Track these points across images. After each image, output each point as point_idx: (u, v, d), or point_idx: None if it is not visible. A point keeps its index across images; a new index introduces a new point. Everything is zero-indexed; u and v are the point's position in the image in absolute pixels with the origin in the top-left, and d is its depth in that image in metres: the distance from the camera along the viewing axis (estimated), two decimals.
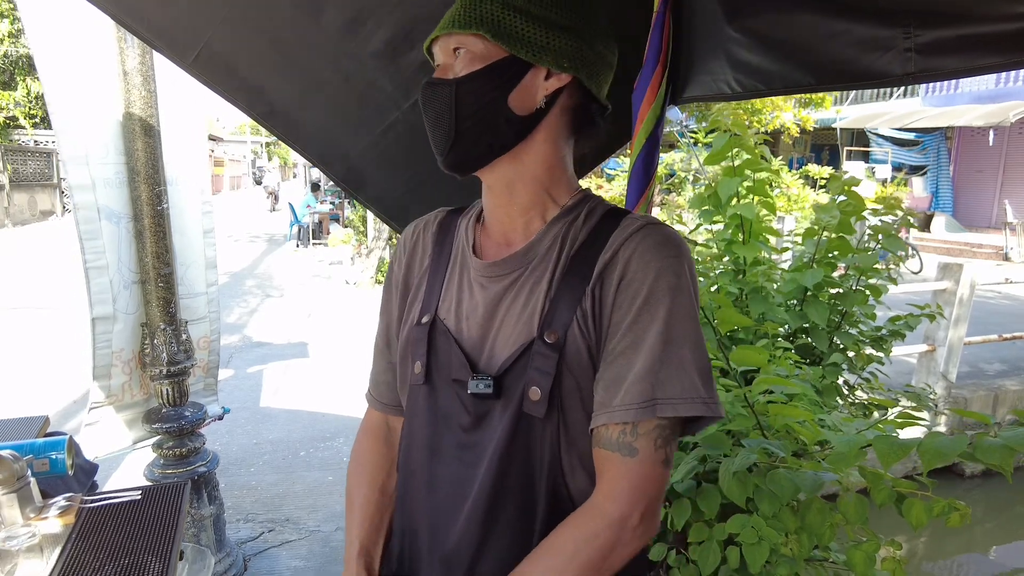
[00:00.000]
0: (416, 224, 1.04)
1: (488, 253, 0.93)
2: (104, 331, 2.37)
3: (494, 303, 0.88)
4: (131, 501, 1.34)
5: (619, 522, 0.79)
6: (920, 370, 5.17)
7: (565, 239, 0.87)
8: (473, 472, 0.86)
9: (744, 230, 2.44)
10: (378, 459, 1.03)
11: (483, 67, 0.82)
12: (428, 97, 0.86)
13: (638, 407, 0.78)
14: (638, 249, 0.82)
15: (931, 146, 15.63)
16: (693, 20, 1.45)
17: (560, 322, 0.83)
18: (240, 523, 3.41)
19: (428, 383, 0.91)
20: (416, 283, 0.99)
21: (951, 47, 1.14)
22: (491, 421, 0.86)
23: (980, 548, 4.71)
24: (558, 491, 0.84)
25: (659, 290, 0.80)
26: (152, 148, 2.44)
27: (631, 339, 0.80)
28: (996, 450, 1.27)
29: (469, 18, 0.83)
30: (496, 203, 0.92)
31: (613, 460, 0.80)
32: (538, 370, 0.82)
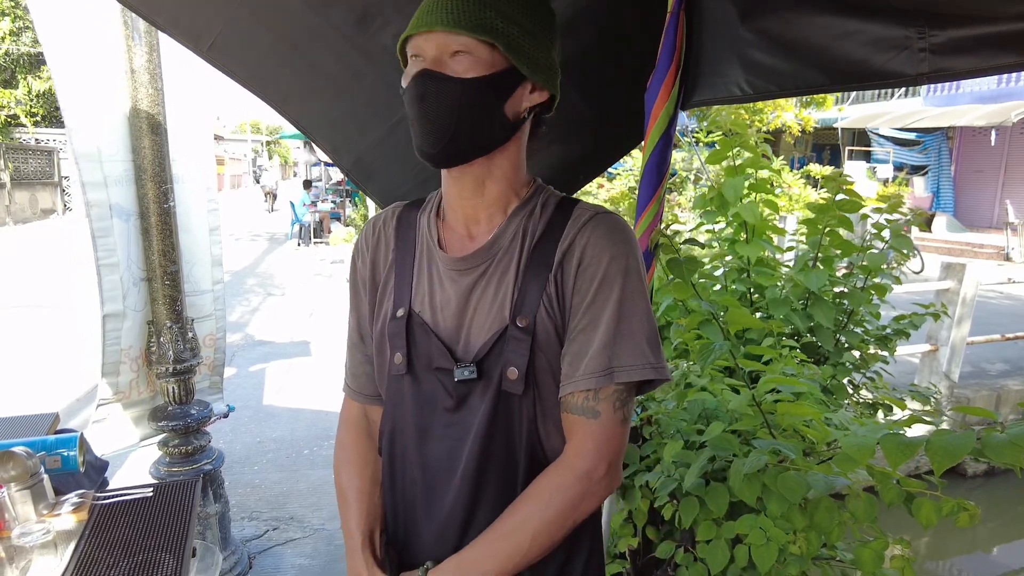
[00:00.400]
0: (375, 222, 1.09)
1: (452, 246, 1.00)
2: (114, 328, 2.37)
3: (466, 295, 0.96)
4: (143, 498, 1.34)
5: (587, 475, 0.91)
6: (923, 370, 5.18)
7: (525, 231, 0.96)
8: (460, 446, 0.95)
9: (747, 229, 2.44)
10: (364, 451, 1.10)
11: (490, 74, 0.88)
12: (427, 89, 0.87)
13: (598, 375, 0.91)
14: (592, 237, 0.93)
15: (932, 146, 15.63)
16: (705, 22, 1.45)
17: (529, 308, 0.93)
18: (245, 521, 3.42)
19: (410, 372, 0.98)
20: (383, 278, 1.04)
21: (965, 47, 1.15)
22: (473, 400, 0.95)
23: (983, 547, 4.72)
24: (535, 455, 0.96)
25: (612, 273, 0.92)
26: (159, 146, 2.45)
27: (590, 317, 0.92)
28: (1005, 446, 1.27)
29: (478, 24, 0.86)
30: (464, 197, 0.97)
31: (579, 422, 0.93)
32: (514, 352, 0.92)
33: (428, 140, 0.90)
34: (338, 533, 3.31)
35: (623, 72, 1.62)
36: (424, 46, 0.88)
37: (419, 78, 0.88)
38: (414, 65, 0.89)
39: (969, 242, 13.36)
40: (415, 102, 0.88)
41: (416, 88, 0.88)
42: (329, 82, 1.59)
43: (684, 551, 1.77)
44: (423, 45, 0.88)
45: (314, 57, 1.53)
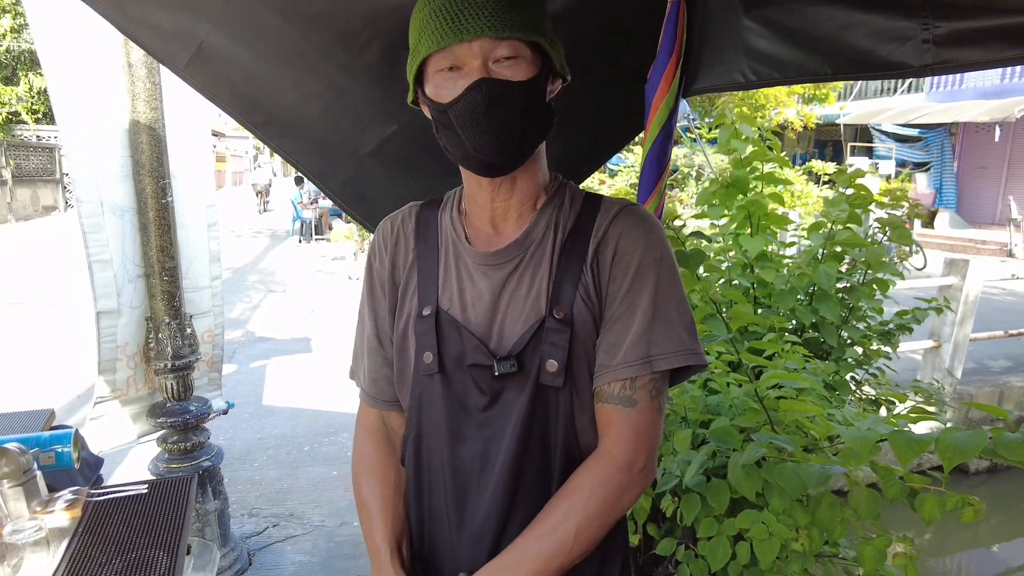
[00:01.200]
0: (392, 221, 1.06)
1: (480, 242, 0.98)
2: (109, 325, 2.36)
3: (498, 289, 0.94)
4: (138, 495, 1.33)
5: (627, 466, 0.90)
6: (925, 366, 5.15)
7: (556, 225, 0.96)
8: (495, 446, 0.93)
9: (752, 223, 2.43)
10: (386, 459, 1.05)
11: (538, 72, 0.87)
12: (492, 98, 0.83)
13: (637, 363, 0.90)
14: (625, 228, 0.94)
15: (935, 142, 15.56)
16: (707, 10, 1.43)
17: (566, 299, 0.92)
18: (244, 518, 3.41)
19: (441, 371, 0.95)
20: (404, 278, 1.02)
21: (970, 39, 1.13)
22: (508, 396, 0.92)
23: (984, 544, 4.70)
24: (571, 451, 0.94)
25: (647, 262, 0.92)
26: (156, 141, 2.43)
27: (626, 306, 0.91)
28: (1018, 445, 1.25)
29: (527, 27, 0.84)
30: (496, 196, 0.95)
31: (616, 412, 0.91)
32: (552, 344, 0.91)
33: (493, 151, 0.87)
34: (339, 530, 3.30)
35: (622, 64, 1.60)
36: (464, 56, 0.84)
37: (479, 88, 0.83)
38: (457, 77, 0.85)
39: (972, 238, 13.31)
40: (479, 113, 0.84)
41: (477, 98, 0.83)
42: (312, 103, 1.53)
43: (685, 548, 1.75)
44: (463, 55, 0.84)
45: (297, 77, 1.48)
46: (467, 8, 0.82)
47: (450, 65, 0.85)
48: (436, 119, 0.91)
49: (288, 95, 1.52)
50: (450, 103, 0.85)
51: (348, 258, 11.00)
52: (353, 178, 1.67)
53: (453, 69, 0.85)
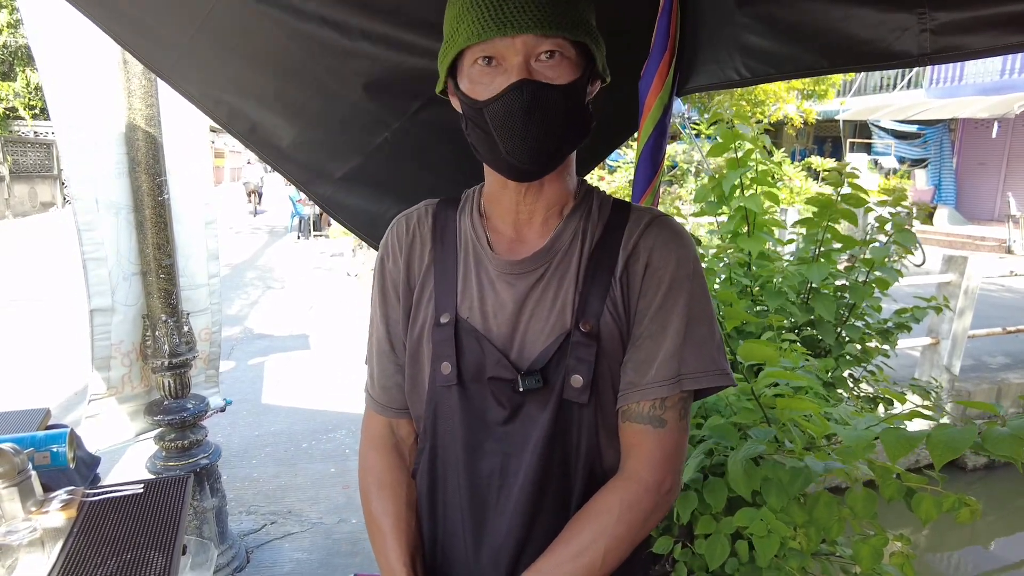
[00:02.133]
0: (407, 219, 1.00)
1: (502, 248, 0.93)
2: (103, 323, 2.35)
3: (522, 299, 0.90)
4: (133, 494, 1.33)
5: (656, 487, 0.87)
6: (924, 363, 5.16)
7: (584, 233, 0.92)
8: (514, 462, 0.90)
9: (749, 222, 2.42)
10: (396, 472, 1.00)
11: (581, 74, 0.83)
12: (533, 101, 0.79)
13: (669, 383, 0.87)
14: (658, 240, 0.90)
15: (933, 139, 15.54)
16: (701, 7, 1.43)
17: (592, 312, 0.88)
18: (242, 515, 3.41)
19: (459, 383, 0.91)
20: (420, 280, 0.97)
21: (968, 28, 1.12)
22: (529, 411, 0.89)
23: (982, 541, 4.71)
24: (593, 469, 0.91)
25: (680, 277, 0.89)
26: (153, 138, 2.42)
27: (659, 323, 0.88)
28: (1006, 440, 1.26)
29: (575, 24, 0.80)
30: (522, 200, 0.91)
31: (646, 432, 0.88)
32: (578, 359, 0.87)
33: (528, 157, 0.82)
34: (336, 527, 3.31)
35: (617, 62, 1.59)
36: (505, 51, 0.79)
37: (519, 89, 0.78)
38: (496, 73, 0.80)
39: (971, 235, 13.31)
40: (516, 117, 0.79)
41: (516, 100, 0.79)
42: (301, 109, 1.50)
43: (682, 546, 1.75)
44: (504, 50, 0.79)
45: (285, 83, 1.45)
46: (512, 0, 0.78)
47: (488, 58, 0.80)
48: (468, 115, 0.85)
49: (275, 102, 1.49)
50: (487, 101, 0.81)
51: (347, 254, 10.99)
52: (341, 187, 1.63)
53: (492, 63, 0.80)
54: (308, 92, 1.46)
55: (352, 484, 3.73)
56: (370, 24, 1.37)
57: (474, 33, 0.79)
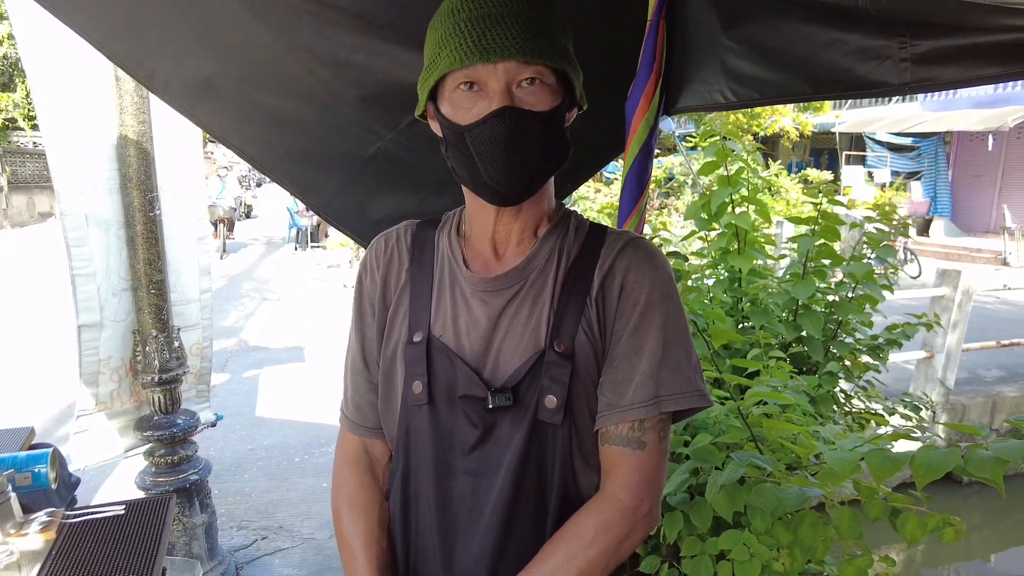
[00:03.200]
0: (386, 238, 1.01)
1: (477, 266, 0.94)
2: (91, 338, 2.34)
3: (495, 316, 0.90)
4: (115, 516, 1.32)
5: (632, 511, 0.86)
6: (918, 377, 5.15)
7: (560, 253, 0.92)
8: (487, 484, 0.89)
9: (739, 239, 2.43)
10: (368, 492, 0.99)
11: (561, 102, 0.84)
12: (514, 128, 0.80)
13: (646, 405, 0.87)
14: (632, 262, 0.90)
15: (928, 151, 15.62)
16: (687, 30, 1.44)
17: (567, 332, 0.88)
18: (233, 530, 3.39)
19: (431, 403, 0.90)
20: (395, 299, 0.97)
21: (948, 57, 1.13)
22: (501, 432, 0.88)
23: (978, 555, 4.69)
24: (568, 492, 0.90)
25: (655, 299, 0.89)
26: (145, 153, 2.43)
27: (634, 344, 0.88)
28: (987, 463, 1.26)
29: (552, 52, 0.81)
30: (499, 221, 0.92)
31: (624, 454, 0.88)
32: (553, 379, 0.87)
33: (508, 181, 0.83)
34: (328, 543, 3.29)
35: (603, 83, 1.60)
36: (487, 77, 0.80)
37: (501, 116, 0.79)
38: (477, 98, 0.81)
39: (967, 247, 13.34)
40: (497, 143, 0.80)
41: (498, 127, 0.80)
42: (295, 120, 1.52)
43: (669, 566, 1.75)
44: (486, 77, 0.80)
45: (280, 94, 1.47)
46: (494, 27, 0.79)
47: (470, 83, 0.81)
48: (449, 139, 0.86)
49: (271, 113, 1.51)
50: (469, 126, 0.81)
51: (343, 266, 10.98)
52: (335, 197, 1.65)
53: (473, 88, 0.81)
54: (303, 104, 1.49)
55: None
56: (364, 39, 1.40)
57: (456, 59, 0.79)
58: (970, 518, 4.91)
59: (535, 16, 0.80)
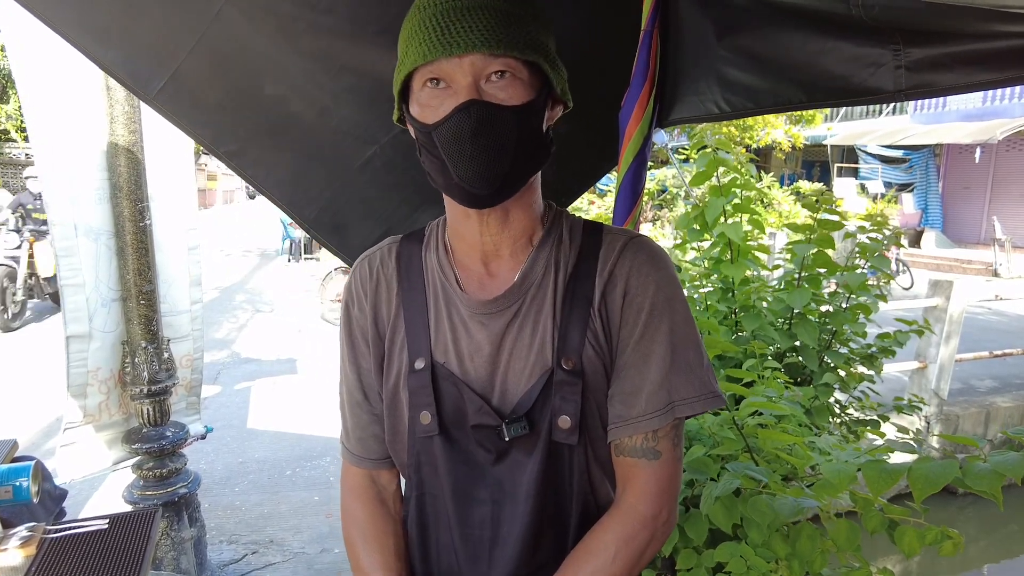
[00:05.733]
0: (369, 261, 0.96)
1: (472, 287, 0.89)
2: (79, 349, 2.32)
3: (498, 339, 0.86)
4: (98, 530, 1.29)
5: (652, 520, 0.85)
6: (912, 387, 5.15)
7: (557, 263, 0.88)
8: (507, 511, 0.87)
9: (732, 249, 2.43)
10: (380, 523, 0.95)
11: (536, 96, 0.79)
12: (480, 122, 0.75)
13: (660, 413, 0.84)
14: (634, 265, 0.87)
15: (919, 163, 15.78)
16: (680, 40, 1.43)
17: (573, 347, 0.85)
18: (223, 545, 3.34)
19: (442, 433, 0.87)
20: (391, 325, 0.92)
21: (942, 64, 1.13)
22: (516, 456, 0.86)
23: (975, 565, 4.68)
24: (587, 508, 0.88)
25: (660, 301, 0.86)
26: (135, 164, 2.41)
27: (642, 352, 0.85)
28: (985, 476, 1.25)
29: (526, 43, 0.77)
30: (488, 233, 0.87)
31: (640, 465, 0.85)
32: (564, 399, 0.84)
33: (479, 181, 0.78)
34: (319, 557, 3.24)
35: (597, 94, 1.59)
36: (453, 72, 0.76)
37: (466, 110, 0.75)
38: (444, 96, 0.77)
39: (958, 258, 13.44)
40: (463, 139, 0.75)
41: (463, 122, 0.75)
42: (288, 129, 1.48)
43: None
44: (452, 71, 0.76)
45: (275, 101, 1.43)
46: (459, 20, 0.75)
47: (436, 79, 0.77)
48: (419, 141, 0.82)
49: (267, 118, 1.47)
50: (435, 124, 0.77)
51: (337, 277, 10.94)
52: (328, 207, 1.60)
53: (440, 85, 0.77)
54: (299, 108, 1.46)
55: (335, 513, 3.67)
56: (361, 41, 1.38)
57: (420, 54, 0.76)
58: (966, 529, 4.90)
59: (504, 8, 0.76)
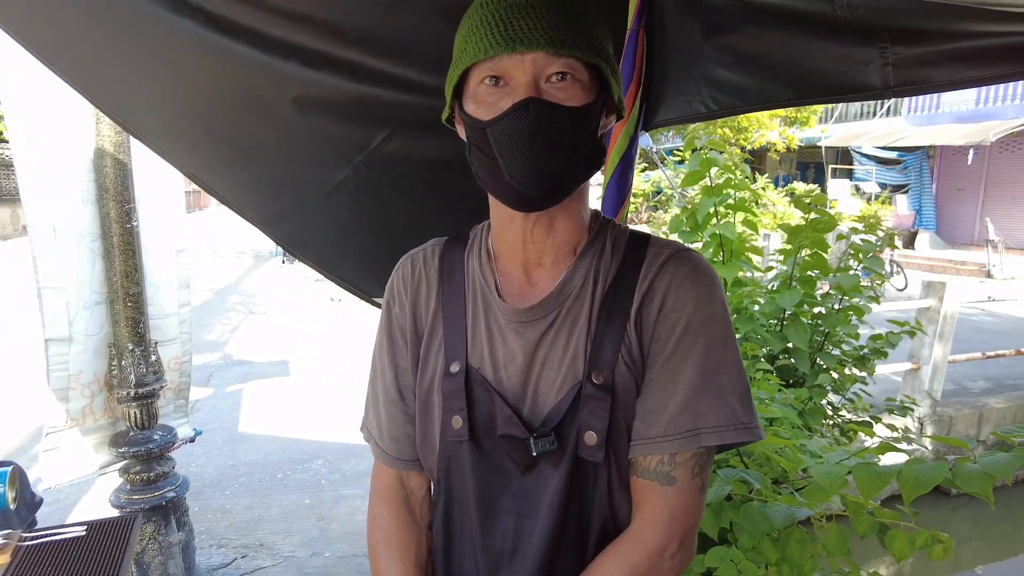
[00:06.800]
0: (413, 261, 0.96)
1: (511, 294, 0.88)
2: (59, 353, 2.28)
3: (532, 348, 0.85)
4: (74, 538, 1.26)
5: (659, 551, 0.80)
6: (905, 388, 5.16)
7: (596, 274, 0.85)
8: (530, 524, 0.85)
9: (725, 249, 2.42)
10: (406, 530, 0.94)
11: (594, 100, 0.78)
12: (539, 121, 0.74)
13: (682, 437, 0.80)
14: (674, 279, 0.83)
15: (913, 165, 15.85)
16: (666, 40, 1.42)
17: (606, 362, 0.82)
18: (212, 549, 3.31)
19: (472, 439, 0.86)
20: (428, 326, 0.92)
21: (929, 62, 1.13)
22: (543, 468, 0.84)
23: (968, 566, 4.68)
24: (607, 527, 0.85)
25: (696, 320, 0.82)
26: (122, 164, 2.39)
27: (670, 370, 0.81)
28: (976, 477, 1.24)
29: (589, 45, 0.76)
30: (533, 240, 0.85)
31: (652, 489, 0.82)
32: (592, 414, 0.81)
33: (532, 182, 0.76)
34: (309, 561, 3.21)
35: None
36: (513, 69, 0.74)
37: (525, 108, 0.73)
38: (502, 94, 0.76)
39: (951, 259, 13.48)
40: (521, 137, 0.74)
41: (521, 119, 0.73)
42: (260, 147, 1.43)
43: None
44: (512, 68, 0.74)
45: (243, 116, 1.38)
46: (523, 17, 0.73)
47: (496, 77, 0.76)
48: (471, 139, 0.80)
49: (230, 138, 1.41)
50: (490, 121, 0.75)
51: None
52: (301, 227, 1.55)
53: (499, 83, 0.76)
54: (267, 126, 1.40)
55: (326, 516, 3.64)
56: (336, 52, 1.34)
57: (481, 49, 0.75)
58: (959, 530, 4.90)
59: (568, 7, 0.75)
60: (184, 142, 1.40)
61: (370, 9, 1.26)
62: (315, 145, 1.43)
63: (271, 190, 1.51)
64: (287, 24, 1.26)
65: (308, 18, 1.27)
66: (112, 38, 1.23)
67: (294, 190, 1.51)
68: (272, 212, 1.54)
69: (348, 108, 1.39)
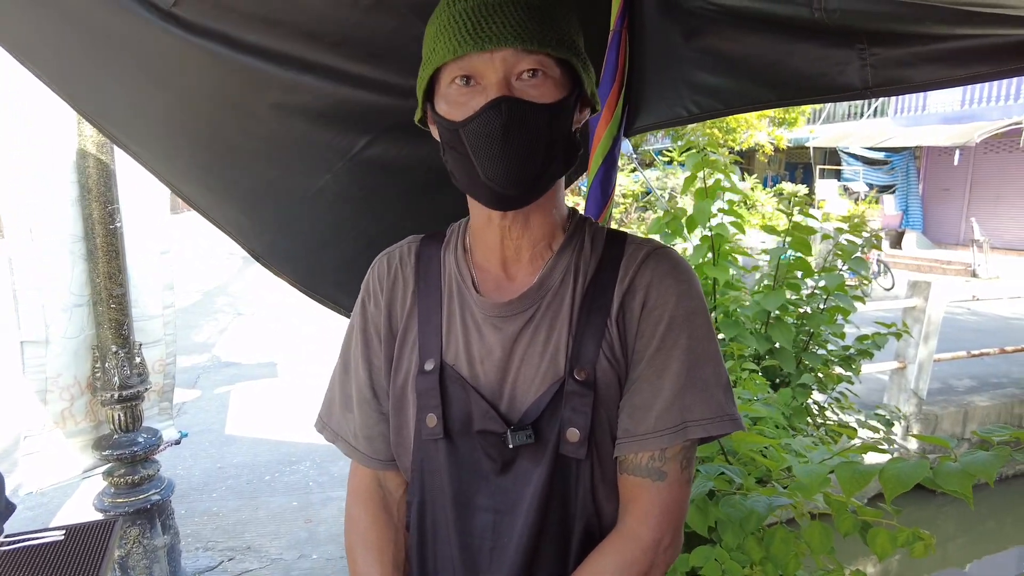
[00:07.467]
0: (389, 258, 0.95)
1: (488, 289, 0.87)
2: (35, 355, 2.25)
3: (510, 344, 0.84)
4: (53, 542, 1.25)
5: (653, 546, 0.81)
6: (891, 387, 5.20)
7: (576, 270, 0.85)
8: (508, 521, 0.84)
9: (714, 250, 2.42)
10: (383, 531, 0.93)
11: (567, 95, 0.77)
12: (512, 120, 0.73)
13: (670, 432, 0.80)
14: (655, 276, 0.84)
15: (900, 165, 15.98)
16: (648, 43, 1.42)
17: (587, 358, 0.82)
18: (199, 552, 3.28)
19: (447, 437, 0.85)
20: (403, 324, 0.91)
21: (908, 63, 1.13)
22: (522, 465, 0.83)
23: (953, 564, 4.72)
24: (590, 526, 0.85)
25: (679, 316, 0.82)
26: (104, 165, 2.36)
27: (657, 365, 0.81)
28: (955, 476, 1.25)
29: (559, 40, 0.75)
30: (507, 234, 0.85)
31: (643, 485, 0.82)
32: (574, 410, 0.81)
33: (507, 180, 0.76)
34: (296, 564, 3.20)
35: None
36: (483, 68, 0.74)
37: (497, 107, 0.73)
38: (473, 93, 0.75)
39: (938, 259, 13.60)
40: (493, 137, 0.74)
41: (494, 119, 0.73)
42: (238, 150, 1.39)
43: None
44: (482, 67, 0.74)
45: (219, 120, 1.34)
46: (491, 14, 0.73)
47: (467, 77, 0.75)
48: (444, 139, 0.80)
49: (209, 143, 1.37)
50: (463, 122, 0.75)
51: None
52: (279, 237, 1.52)
53: (470, 82, 0.75)
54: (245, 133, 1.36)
55: (314, 518, 3.63)
56: (315, 56, 1.31)
57: (450, 49, 0.74)
58: (944, 527, 4.94)
59: (536, 3, 0.75)
60: (161, 149, 1.36)
61: (346, 12, 1.25)
62: (295, 151, 1.40)
63: (249, 199, 1.47)
64: (262, 28, 1.22)
65: (282, 23, 1.23)
66: (86, 42, 1.20)
67: (273, 199, 1.47)
68: (249, 222, 1.50)
69: (328, 113, 1.36)
